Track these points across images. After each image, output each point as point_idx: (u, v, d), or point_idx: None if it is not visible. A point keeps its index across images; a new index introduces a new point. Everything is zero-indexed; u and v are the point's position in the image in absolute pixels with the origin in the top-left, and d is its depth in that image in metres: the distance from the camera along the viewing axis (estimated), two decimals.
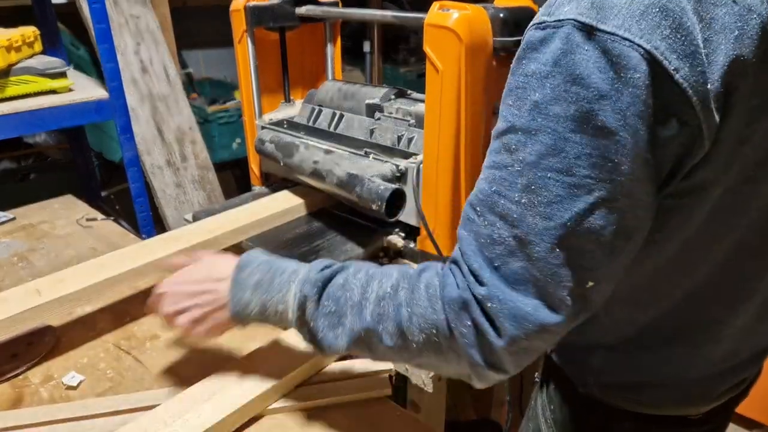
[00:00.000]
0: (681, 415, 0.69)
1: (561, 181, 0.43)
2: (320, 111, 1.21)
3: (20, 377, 0.80)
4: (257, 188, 1.31)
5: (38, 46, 1.65)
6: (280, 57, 1.25)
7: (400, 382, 0.98)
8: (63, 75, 1.61)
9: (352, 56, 3.49)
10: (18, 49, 1.53)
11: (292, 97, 1.31)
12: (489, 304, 0.48)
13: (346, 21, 1.35)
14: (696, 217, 0.51)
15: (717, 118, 0.42)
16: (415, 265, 1.02)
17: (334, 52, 1.34)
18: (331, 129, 1.17)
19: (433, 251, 0.96)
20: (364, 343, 0.57)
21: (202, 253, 0.74)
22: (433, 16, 0.85)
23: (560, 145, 0.43)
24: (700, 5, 0.40)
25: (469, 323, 0.49)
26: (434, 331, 0.52)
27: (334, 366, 0.79)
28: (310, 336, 0.61)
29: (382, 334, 0.55)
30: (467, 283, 0.50)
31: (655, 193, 0.46)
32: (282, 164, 1.12)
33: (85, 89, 1.66)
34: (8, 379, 0.79)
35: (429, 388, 0.89)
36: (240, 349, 0.85)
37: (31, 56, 1.60)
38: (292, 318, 0.62)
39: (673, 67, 0.40)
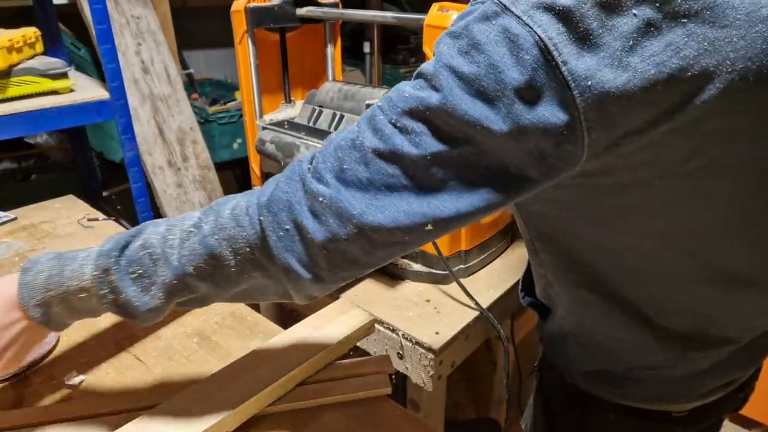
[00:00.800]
0: (663, 410, 0.68)
1: (439, 123, 0.47)
2: (321, 111, 1.21)
3: (21, 377, 0.80)
4: (258, 188, 1.32)
5: (39, 47, 1.65)
6: (281, 57, 1.25)
7: (399, 381, 0.98)
8: (64, 75, 1.61)
9: (352, 57, 3.50)
10: (19, 50, 1.53)
11: (292, 98, 1.31)
12: (320, 199, 0.51)
13: (346, 22, 1.36)
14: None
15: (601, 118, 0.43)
16: (415, 265, 1.03)
17: (334, 52, 1.34)
18: (332, 129, 1.17)
19: (433, 251, 0.96)
20: (184, 290, 0.57)
21: None
22: (432, 17, 0.85)
23: (446, 94, 0.46)
24: (604, 13, 0.42)
25: (288, 225, 0.52)
26: (247, 249, 0.54)
27: (334, 365, 0.80)
28: (126, 310, 0.57)
29: (197, 273, 0.55)
30: (303, 179, 0.52)
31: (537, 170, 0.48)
32: (282, 164, 1.12)
33: (86, 89, 1.67)
34: (9, 380, 0.80)
35: (428, 387, 0.89)
36: (241, 347, 0.85)
37: (33, 57, 1.61)
38: (97, 302, 0.58)
39: (562, 59, 0.42)
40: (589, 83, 0.42)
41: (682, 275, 0.58)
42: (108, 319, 0.93)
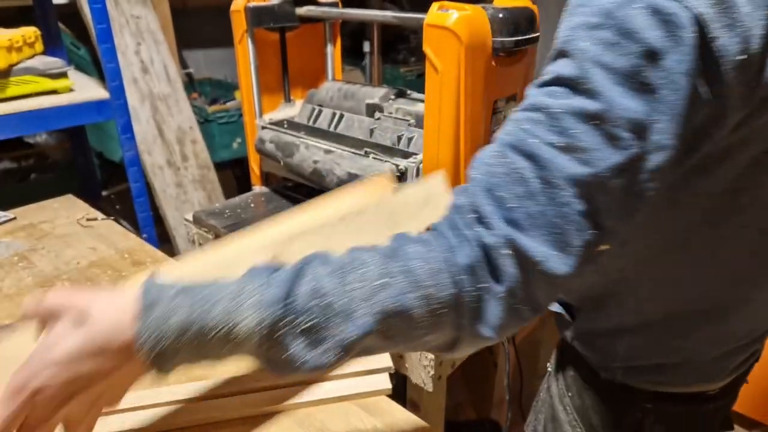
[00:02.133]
0: (699, 391, 0.71)
1: (601, 132, 0.43)
2: (320, 111, 1.21)
3: None
4: (257, 188, 1.31)
5: (39, 47, 1.65)
6: (281, 57, 1.25)
7: (399, 381, 0.98)
8: (64, 75, 1.61)
9: (352, 56, 3.49)
10: (19, 50, 1.53)
11: (292, 97, 1.31)
12: (501, 251, 0.45)
13: (346, 21, 1.36)
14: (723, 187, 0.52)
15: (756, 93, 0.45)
16: None
17: (334, 52, 1.34)
18: (332, 129, 1.17)
19: None
20: (361, 349, 0.48)
21: (57, 297, 0.48)
22: (432, 16, 0.85)
23: (605, 98, 0.42)
24: None
25: (480, 284, 0.46)
26: (444, 309, 0.47)
27: None
28: (281, 366, 0.47)
29: (384, 332, 0.47)
30: (473, 234, 0.46)
31: (679, 160, 0.47)
32: (282, 164, 1.12)
33: (85, 89, 1.66)
34: None
35: (429, 388, 0.89)
36: None
37: (32, 56, 1.61)
38: (239, 353, 0.47)
39: (715, 35, 0.41)
40: (737, 58, 0.42)
41: None
42: None
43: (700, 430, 0.75)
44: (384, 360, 0.80)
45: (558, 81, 0.45)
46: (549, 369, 0.83)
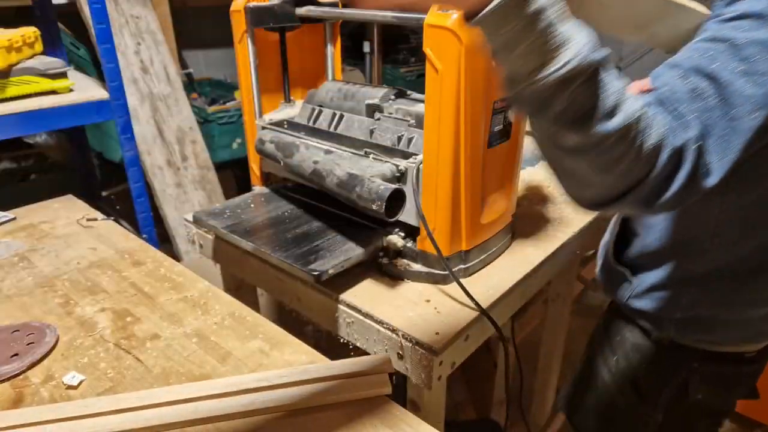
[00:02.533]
0: (739, 351, 0.83)
1: None
2: (320, 111, 1.21)
3: (20, 377, 0.80)
4: (257, 188, 1.31)
5: (39, 47, 1.65)
6: (280, 57, 1.25)
7: (399, 381, 0.98)
8: (63, 75, 1.61)
9: (352, 56, 3.50)
10: (18, 50, 1.53)
11: (292, 98, 1.31)
12: (690, 147, 0.55)
13: (346, 21, 1.35)
14: None
15: None
16: (415, 265, 1.03)
17: (334, 52, 1.34)
18: (331, 129, 1.17)
19: (433, 251, 0.96)
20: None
21: None
22: (432, 16, 0.85)
23: None
24: None
25: (686, 164, 0.56)
26: (655, 151, 0.55)
27: (334, 365, 0.80)
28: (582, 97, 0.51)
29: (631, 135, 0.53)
30: (674, 127, 0.56)
31: None
32: (282, 164, 1.12)
33: (85, 89, 1.67)
34: (8, 379, 0.80)
35: (429, 387, 0.89)
36: (240, 348, 0.85)
37: (32, 56, 1.61)
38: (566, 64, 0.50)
39: None
40: None
41: None
42: (108, 319, 0.93)
43: (737, 391, 0.89)
44: (384, 360, 0.80)
45: (745, 16, 0.54)
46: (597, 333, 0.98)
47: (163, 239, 2.25)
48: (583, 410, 1.00)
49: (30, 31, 1.61)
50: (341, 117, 1.17)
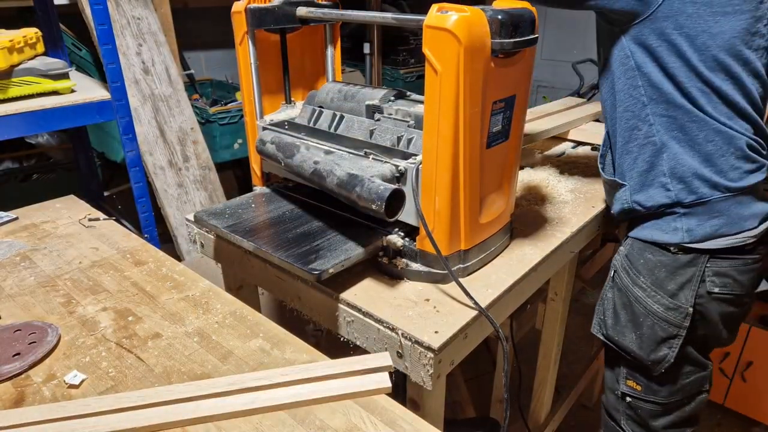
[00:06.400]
0: (739, 245, 1.11)
1: None
2: (321, 112, 1.22)
3: (22, 376, 0.81)
4: (258, 188, 1.32)
5: (40, 47, 1.66)
6: (281, 58, 1.26)
7: (399, 380, 0.98)
8: (65, 76, 1.62)
9: (352, 57, 3.50)
10: (20, 51, 1.54)
11: (292, 99, 1.32)
12: None
13: (346, 23, 1.36)
14: None
15: None
16: (414, 264, 1.03)
17: (334, 53, 1.35)
18: (332, 130, 1.18)
19: (432, 250, 0.97)
20: None
21: None
22: (431, 18, 0.86)
23: None
24: None
25: None
26: None
27: (334, 363, 0.80)
28: None
29: None
30: None
31: None
32: (283, 164, 1.13)
33: (87, 90, 1.67)
34: (10, 378, 0.80)
35: (428, 386, 0.89)
36: (241, 347, 0.86)
37: (34, 57, 1.62)
38: None
39: None
40: None
41: None
42: (110, 319, 0.93)
43: (743, 283, 1.15)
44: (384, 359, 0.80)
45: None
46: (612, 274, 1.27)
47: (164, 239, 2.26)
48: (620, 326, 1.25)
49: (32, 32, 1.62)
50: (341, 118, 1.17)
